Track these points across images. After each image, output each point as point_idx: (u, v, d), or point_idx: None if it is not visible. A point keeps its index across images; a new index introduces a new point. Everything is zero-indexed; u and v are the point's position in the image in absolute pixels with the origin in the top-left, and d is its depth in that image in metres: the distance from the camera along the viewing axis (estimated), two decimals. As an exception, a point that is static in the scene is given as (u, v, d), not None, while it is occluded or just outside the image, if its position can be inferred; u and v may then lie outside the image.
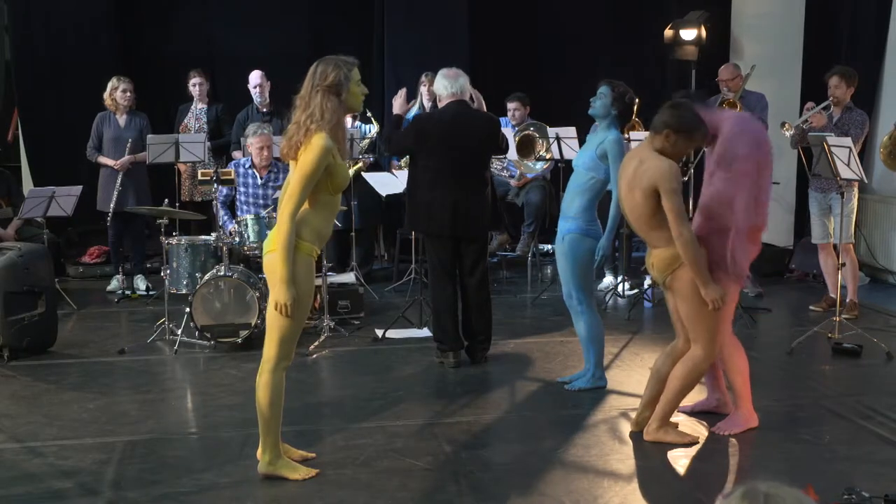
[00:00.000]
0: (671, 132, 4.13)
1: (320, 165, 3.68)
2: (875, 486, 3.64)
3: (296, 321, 3.75)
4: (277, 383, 3.83)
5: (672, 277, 4.19)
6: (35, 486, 3.86)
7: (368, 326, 6.54)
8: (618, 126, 5.02)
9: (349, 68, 3.83)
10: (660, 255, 4.20)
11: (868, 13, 8.59)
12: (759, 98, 7.48)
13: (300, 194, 3.68)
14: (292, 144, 3.75)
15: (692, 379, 4.28)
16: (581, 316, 5.11)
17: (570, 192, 5.05)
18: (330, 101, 3.74)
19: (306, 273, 3.76)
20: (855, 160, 5.91)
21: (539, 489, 3.82)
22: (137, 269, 7.88)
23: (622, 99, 4.97)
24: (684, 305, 4.21)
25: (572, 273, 5.05)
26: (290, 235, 3.67)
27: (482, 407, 4.90)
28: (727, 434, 4.39)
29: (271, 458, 3.89)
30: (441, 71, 5.62)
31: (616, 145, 4.92)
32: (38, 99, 8.77)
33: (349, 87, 3.80)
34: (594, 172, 4.96)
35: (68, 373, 5.55)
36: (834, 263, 6.62)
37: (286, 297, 3.67)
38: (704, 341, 4.21)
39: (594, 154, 4.96)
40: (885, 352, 5.74)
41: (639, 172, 4.14)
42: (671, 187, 4.04)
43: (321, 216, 3.81)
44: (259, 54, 8.42)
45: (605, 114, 5.00)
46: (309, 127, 3.71)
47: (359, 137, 7.47)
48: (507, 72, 8.93)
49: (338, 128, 3.78)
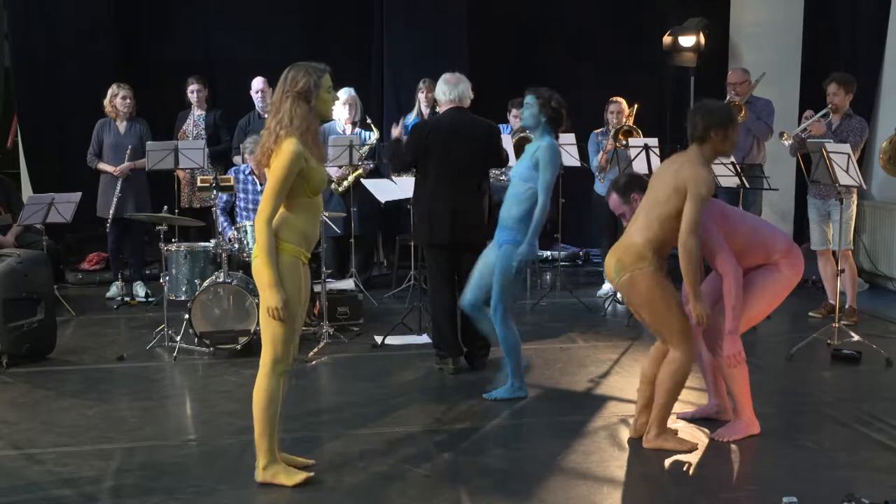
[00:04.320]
0: (718, 129, 4.13)
1: (292, 170, 3.69)
2: (875, 493, 3.63)
3: (287, 323, 3.75)
4: (273, 388, 3.83)
5: (629, 280, 4.18)
6: (34, 494, 3.86)
7: (368, 333, 6.54)
8: (550, 132, 4.97)
9: (319, 75, 3.83)
10: (631, 247, 4.18)
11: (867, 20, 8.62)
12: (766, 104, 7.50)
13: (273, 200, 3.69)
14: (265, 151, 3.77)
15: (678, 381, 4.27)
16: (499, 327, 5.03)
17: (508, 202, 4.99)
18: (299, 108, 3.76)
19: (293, 275, 3.76)
20: (854, 167, 5.92)
21: (538, 496, 3.82)
22: (136, 275, 7.88)
23: (548, 105, 4.92)
24: (644, 313, 4.23)
25: (499, 283, 4.96)
26: (270, 240, 3.69)
27: (481, 413, 4.89)
28: (727, 441, 4.38)
29: (266, 464, 3.89)
30: (443, 76, 5.61)
31: (548, 151, 4.87)
32: (37, 106, 8.78)
33: (319, 93, 3.81)
34: (531, 182, 4.89)
35: (67, 379, 5.55)
36: (833, 270, 6.62)
37: (275, 301, 3.68)
38: (679, 341, 4.21)
39: (529, 163, 4.92)
40: (884, 358, 5.74)
41: (680, 169, 4.12)
42: (700, 193, 4.03)
43: (303, 218, 3.81)
44: (258, 60, 8.44)
45: (534, 123, 4.96)
46: (279, 133, 3.73)
47: (358, 144, 7.47)
48: (505, 77, 8.93)
49: (308, 133, 3.78)
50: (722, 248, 4.22)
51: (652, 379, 4.36)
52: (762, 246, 4.38)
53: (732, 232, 4.32)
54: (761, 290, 4.35)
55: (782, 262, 4.38)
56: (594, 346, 6.27)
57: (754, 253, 4.36)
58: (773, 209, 8.51)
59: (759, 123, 7.39)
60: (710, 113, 4.18)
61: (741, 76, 7.48)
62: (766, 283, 4.36)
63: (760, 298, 4.35)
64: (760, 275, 4.37)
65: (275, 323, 3.73)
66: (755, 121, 7.36)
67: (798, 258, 4.43)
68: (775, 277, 4.37)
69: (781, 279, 4.38)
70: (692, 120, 4.22)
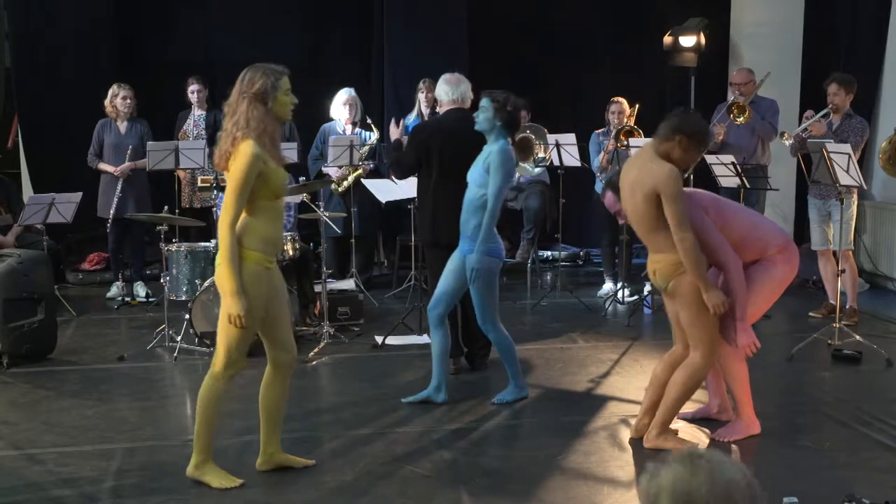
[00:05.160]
0: (684, 137, 4.13)
1: (251, 173, 3.62)
2: (875, 493, 3.62)
3: (246, 330, 3.71)
4: (216, 390, 3.81)
5: (675, 283, 4.18)
6: (34, 494, 3.86)
7: (368, 333, 6.54)
8: (505, 136, 4.89)
9: (278, 77, 3.77)
10: (665, 259, 4.17)
11: (867, 20, 8.62)
12: (770, 104, 7.50)
13: (234, 205, 3.63)
14: (222, 154, 3.70)
15: (691, 385, 4.28)
16: (491, 335, 5.00)
17: (465, 210, 4.91)
18: (256, 109, 3.69)
19: (255, 282, 3.70)
20: (854, 166, 5.92)
21: (539, 496, 3.82)
22: (137, 275, 7.88)
23: (504, 109, 4.85)
24: (685, 312, 4.21)
25: (478, 295, 4.88)
26: (232, 246, 3.62)
27: (482, 413, 4.89)
28: (728, 441, 4.38)
29: (198, 462, 3.88)
30: (443, 76, 5.60)
31: (499, 155, 4.78)
32: (38, 106, 8.77)
33: (276, 95, 3.74)
34: (485, 189, 4.81)
35: (67, 380, 5.55)
36: (833, 270, 6.62)
37: (237, 309, 3.63)
38: (704, 348, 4.21)
39: (482, 169, 4.85)
40: (884, 358, 5.73)
41: (640, 177, 4.13)
42: (673, 192, 4.03)
43: (266, 223, 3.75)
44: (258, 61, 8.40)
45: (489, 127, 4.87)
46: (235, 135, 3.66)
47: (358, 144, 7.47)
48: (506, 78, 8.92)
49: (266, 135, 3.70)
50: (718, 240, 4.19)
51: (663, 383, 4.34)
52: (758, 240, 4.36)
53: (728, 225, 4.29)
54: (759, 286, 4.33)
55: (778, 258, 4.35)
56: (594, 346, 6.27)
57: (750, 246, 4.33)
58: (774, 209, 8.49)
59: (763, 124, 7.38)
60: (688, 121, 4.18)
61: (746, 76, 7.46)
62: (762, 279, 4.34)
63: (758, 294, 4.33)
64: (756, 271, 4.34)
65: (231, 329, 3.69)
66: (760, 121, 7.35)
67: (794, 254, 4.41)
68: (771, 273, 4.34)
69: (777, 274, 4.35)
70: (669, 118, 4.22)
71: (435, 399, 5.01)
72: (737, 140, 7.42)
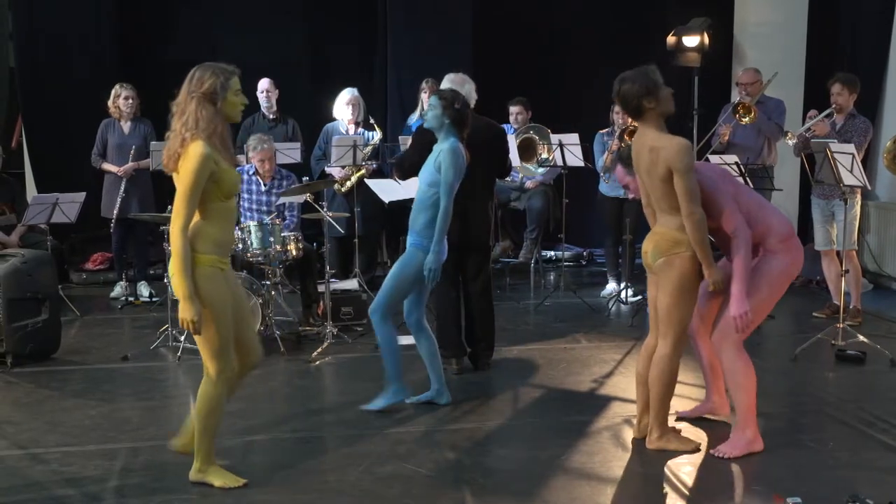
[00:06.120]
0: (647, 97, 4.09)
1: (202, 174, 3.57)
2: (879, 494, 3.63)
3: (220, 333, 3.66)
4: (218, 395, 3.78)
5: (665, 262, 4.15)
6: (38, 493, 3.87)
7: (371, 333, 6.50)
8: (455, 134, 4.87)
9: (227, 76, 3.71)
10: (666, 234, 4.15)
11: (871, 20, 8.61)
12: (777, 104, 7.48)
13: (186, 207, 3.57)
14: (171, 155, 3.64)
15: (667, 379, 4.23)
16: (377, 326, 4.91)
17: (415, 207, 4.91)
18: (205, 109, 3.64)
19: (212, 285, 3.64)
20: (858, 166, 5.91)
21: (542, 496, 3.82)
22: (141, 275, 7.89)
23: (451, 107, 4.84)
24: (665, 296, 4.18)
25: (393, 282, 4.85)
26: (185, 251, 3.56)
27: (485, 413, 4.89)
28: (727, 457, 4.18)
29: (200, 466, 3.87)
30: (447, 76, 5.60)
31: (449, 154, 4.77)
32: (41, 106, 8.78)
33: (226, 95, 3.69)
34: (436, 188, 4.80)
35: (71, 379, 5.56)
36: (837, 270, 6.61)
37: (190, 314, 3.57)
38: (673, 337, 4.18)
39: (433, 168, 4.84)
40: (888, 358, 5.73)
41: (654, 157, 4.09)
42: (684, 165, 3.99)
43: (217, 225, 3.69)
44: (260, 61, 8.41)
45: (438, 125, 4.87)
46: (184, 136, 3.61)
47: (362, 144, 7.47)
48: (509, 77, 8.93)
49: (216, 135, 3.65)
50: (732, 206, 4.15)
51: (645, 378, 4.35)
52: (763, 223, 4.27)
53: (738, 197, 4.25)
54: (765, 279, 4.23)
55: (780, 249, 4.27)
56: (598, 346, 6.27)
57: (754, 226, 4.23)
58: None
59: (769, 124, 7.36)
60: (632, 84, 4.12)
61: (753, 76, 7.44)
62: (768, 271, 4.25)
63: (761, 289, 4.26)
64: (758, 264, 4.27)
65: (205, 333, 3.64)
66: (766, 121, 7.33)
67: (797, 248, 4.33)
68: (772, 265, 4.26)
69: (779, 265, 4.26)
70: (621, 100, 4.17)
71: (438, 402, 5.00)
72: (743, 140, 7.40)
